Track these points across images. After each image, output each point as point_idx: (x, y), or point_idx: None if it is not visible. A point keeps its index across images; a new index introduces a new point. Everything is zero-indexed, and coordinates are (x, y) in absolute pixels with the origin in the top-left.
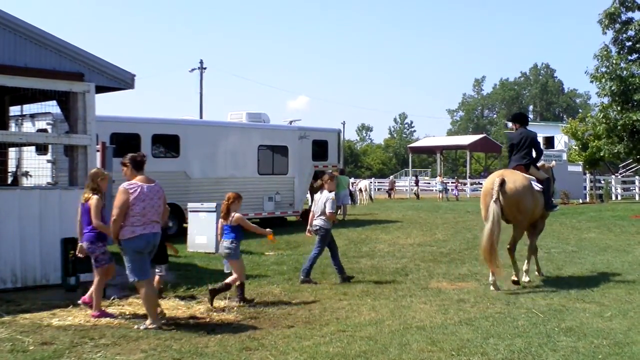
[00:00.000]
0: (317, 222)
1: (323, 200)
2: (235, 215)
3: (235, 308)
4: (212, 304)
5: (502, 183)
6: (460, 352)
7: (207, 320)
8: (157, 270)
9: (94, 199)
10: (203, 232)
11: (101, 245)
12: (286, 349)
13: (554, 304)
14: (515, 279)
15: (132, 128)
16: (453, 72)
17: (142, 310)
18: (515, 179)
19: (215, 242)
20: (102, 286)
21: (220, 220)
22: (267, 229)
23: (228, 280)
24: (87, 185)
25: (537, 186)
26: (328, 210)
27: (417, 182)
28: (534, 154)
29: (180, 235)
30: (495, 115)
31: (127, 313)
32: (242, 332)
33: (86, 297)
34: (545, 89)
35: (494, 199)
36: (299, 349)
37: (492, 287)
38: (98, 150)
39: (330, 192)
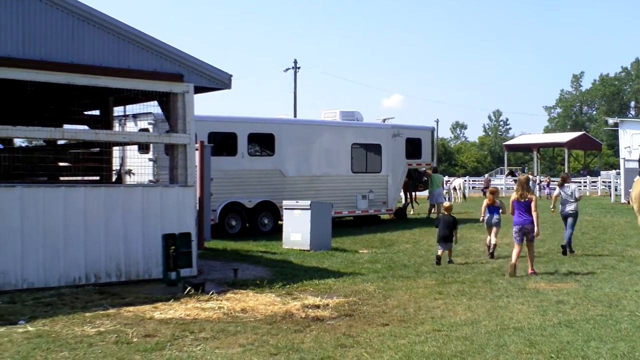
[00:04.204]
0: (573, 207)
1: (571, 190)
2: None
3: (330, 305)
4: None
5: None
6: (560, 354)
7: (303, 316)
8: (440, 247)
9: (535, 198)
10: (298, 230)
11: (533, 227)
12: (381, 347)
13: None
14: None
15: (229, 127)
16: (550, 67)
17: (240, 305)
18: None
19: (309, 239)
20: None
21: (486, 202)
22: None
23: (494, 241)
24: (522, 187)
25: None
26: (577, 195)
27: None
28: None
29: (276, 232)
30: (594, 112)
31: (226, 308)
32: (337, 329)
33: (530, 269)
34: None
35: None
36: (394, 347)
37: None
38: (197, 149)
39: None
